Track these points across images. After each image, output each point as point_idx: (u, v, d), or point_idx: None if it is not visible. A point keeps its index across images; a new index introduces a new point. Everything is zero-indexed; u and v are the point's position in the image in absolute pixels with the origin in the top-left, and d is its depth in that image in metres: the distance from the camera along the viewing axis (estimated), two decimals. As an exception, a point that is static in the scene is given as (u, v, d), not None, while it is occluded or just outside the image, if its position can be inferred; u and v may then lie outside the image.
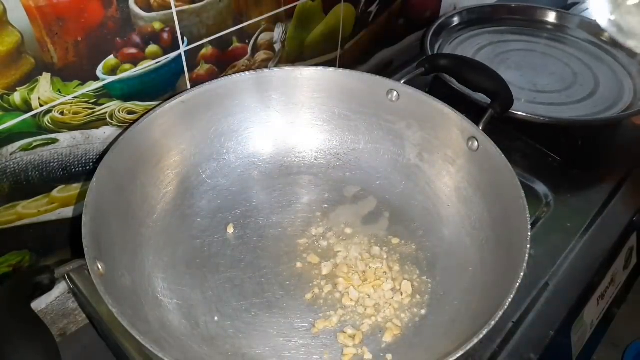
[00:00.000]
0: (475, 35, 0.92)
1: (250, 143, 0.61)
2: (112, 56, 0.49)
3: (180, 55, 0.54)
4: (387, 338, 0.47)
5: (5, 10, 0.39)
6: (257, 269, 0.52)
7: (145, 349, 0.36)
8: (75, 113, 0.48)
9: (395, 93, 0.59)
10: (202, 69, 0.58)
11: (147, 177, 0.53)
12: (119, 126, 0.53)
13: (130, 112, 0.53)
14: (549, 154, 0.72)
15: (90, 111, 0.50)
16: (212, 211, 0.57)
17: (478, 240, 0.52)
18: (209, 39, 0.56)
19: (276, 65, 0.66)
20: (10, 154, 0.46)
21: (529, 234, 0.44)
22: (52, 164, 0.49)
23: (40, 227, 0.51)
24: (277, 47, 0.65)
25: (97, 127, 0.51)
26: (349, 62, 0.79)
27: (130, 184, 0.51)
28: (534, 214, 0.64)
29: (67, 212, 0.53)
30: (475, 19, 0.95)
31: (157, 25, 0.50)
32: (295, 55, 0.69)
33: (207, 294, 0.50)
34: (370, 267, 0.53)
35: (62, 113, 0.47)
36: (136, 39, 0.49)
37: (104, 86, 0.49)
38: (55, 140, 0.48)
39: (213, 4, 0.54)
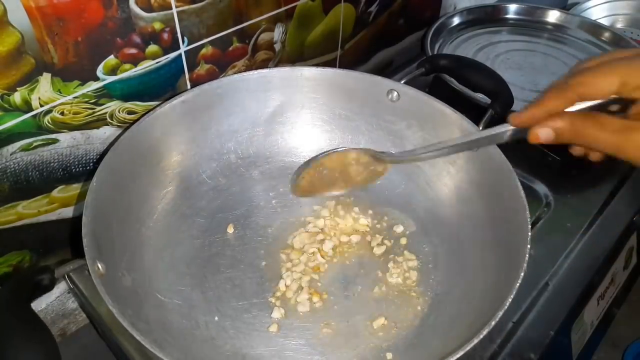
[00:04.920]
0: (475, 35, 0.92)
1: (250, 143, 0.61)
2: (112, 56, 0.49)
3: (180, 55, 0.54)
4: (388, 337, 0.48)
5: (5, 10, 0.39)
6: (257, 269, 0.53)
7: (145, 349, 0.36)
8: (75, 113, 0.48)
9: (395, 93, 0.59)
10: (202, 69, 0.58)
11: (147, 177, 0.53)
12: (119, 126, 0.53)
13: (130, 112, 0.53)
14: (549, 154, 0.72)
15: (90, 111, 0.50)
16: (212, 211, 0.57)
17: (478, 240, 0.52)
18: (209, 39, 0.56)
19: (276, 65, 0.66)
20: (11, 154, 0.46)
21: (529, 234, 0.44)
22: (52, 164, 0.49)
23: (40, 227, 0.51)
24: (277, 47, 0.65)
25: (98, 127, 0.51)
26: (349, 62, 0.79)
27: (130, 184, 0.51)
28: (534, 214, 0.64)
29: (67, 212, 0.53)
30: (475, 19, 0.95)
31: (158, 25, 0.50)
32: (295, 55, 0.69)
33: (207, 294, 0.50)
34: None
35: (62, 113, 0.47)
36: (136, 39, 0.50)
37: (104, 86, 0.49)
38: (55, 140, 0.48)
39: (213, 4, 0.54)
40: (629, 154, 0.34)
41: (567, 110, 0.36)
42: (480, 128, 0.54)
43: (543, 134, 0.37)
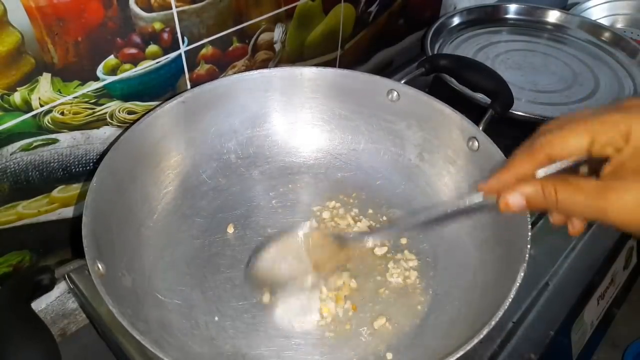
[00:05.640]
0: (475, 35, 0.92)
1: (250, 143, 0.61)
2: (112, 56, 0.49)
3: (180, 55, 0.54)
4: (388, 337, 0.48)
5: (5, 10, 0.39)
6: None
7: (145, 349, 0.36)
8: (75, 113, 0.48)
9: (395, 93, 0.59)
10: (202, 69, 0.58)
11: (148, 177, 0.53)
12: (119, 126, 0.53)
13: (130, 112, 0.53)
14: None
15: (90, 111, 0.50)
16: (212, 211, 0.57)
17: (478, 240, 0.52)
18: (209, 39, 0.56)
19: (276, 65, 0.66)
20: (11, 154, 0.46)
21: (529, 234, 0.44)
22: (52, 164, 0.49)
23: (40, 227, 0.51)
24: (277, 47, 0.65)
25: (98, 127, 0.51)
26: (349, 62, 0.79)
27: (130, 184, 0.51)
28: (534, 214, 0.64)
29: (67, 212, 0.53)
30: (475, 19, 0.95)
31: (158, 26, 0.50)
32: (295, 55, 0.69)
33: (207, 294, 0.50)
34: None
35: (62, 113, 0.47)
36: (136, 39, 0.50)
37: (104, 86, 0.49)
38: (55, 140, 0.48)
39: (213, 4, 0.54)
40: (611, 218, 0.31)
41: (537, 174, 0.34)
42: (481, 128, 0.54)
43: (513, 200, 0.34)
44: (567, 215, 0.35)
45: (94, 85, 0.49)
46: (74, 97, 0.48)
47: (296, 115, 0.62)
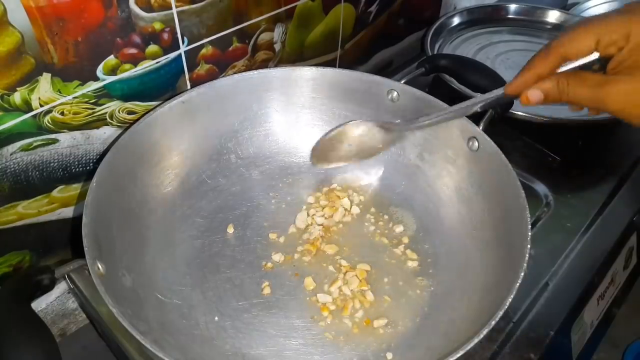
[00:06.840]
0: (475, 35, 0.92)
1: (250, 143, 0.61)
2: (112, 56, 0.49)
3: (180, 55, 0.54)
4: (388, 337, 0.48)
5: (5, 10, 0.39)
6: (257, 269, 0.53)
7: (145, 349, 0.36)
8: (75, 113, 0.48)
9: (395, 93, 0.59)
10: (202, 69, 0.58)
11: (148, 177, 0.53)
12: (119, 126, 0.53)
13: (130, 112, 0.53)
14: (549, 154, 0.72)
15: (90, 111, 0.50)
16: (212, 211, 0.57)
17: (478, 240, 0.52)
18: (209, 39, 0.56)
19: (276, 65, 0.66)
20: (11, 154, 0.46)
21: (529, 234, 0.44)
22: (52, 164, 0.49)
23: (40, 227, 0.51)
24: (277, 47, 0.65)
25: (97, 127, 0.51)
26: (349, 62, 0.79)
27: (130, 184, 0.51)
28: (534, 214, 0.64)
29: (67, 212, 0.53)
30: (475, 19, 0.95)
31: (158, 26, 0.50)
32: (295, 55, 0.69)
33: (207, 294, 0.50)
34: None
35: (62, 113, 0.47)
36: (136, 39, 0.50)
37: (104, 86, 0.49)
38: (55, 141, 0.48)
39: (213, 4, 0.54)
40: (608, 106, 0.37)
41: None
42: (481, 128, 0.54)
43: (533, 95, 0.40)
44: (574, 104, 0.40)
45: (94, 85, 0.49)
46: (74, 97, 0.48)
47: (296, 115, 0.62)
